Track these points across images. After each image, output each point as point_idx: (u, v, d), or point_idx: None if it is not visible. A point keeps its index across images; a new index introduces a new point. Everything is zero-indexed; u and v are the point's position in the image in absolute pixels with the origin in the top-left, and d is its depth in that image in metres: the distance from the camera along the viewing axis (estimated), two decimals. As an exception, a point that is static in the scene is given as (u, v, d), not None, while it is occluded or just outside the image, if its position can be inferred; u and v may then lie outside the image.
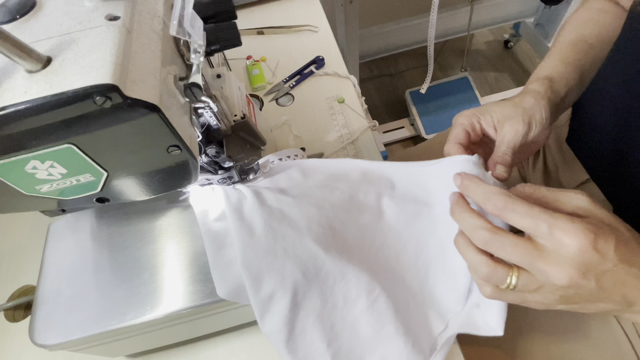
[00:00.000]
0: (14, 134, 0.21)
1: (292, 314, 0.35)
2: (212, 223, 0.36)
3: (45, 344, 0.33)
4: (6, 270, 0.50)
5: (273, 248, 0.34)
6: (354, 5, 1.10)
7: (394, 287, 0.37)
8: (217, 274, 0.35)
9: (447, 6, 1.43)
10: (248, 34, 0.72)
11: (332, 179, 0.39)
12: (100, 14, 0.23)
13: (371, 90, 1.62)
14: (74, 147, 0.23)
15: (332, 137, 0.57)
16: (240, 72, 0.68)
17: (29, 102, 0.20)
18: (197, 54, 0.27)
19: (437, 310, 0.38)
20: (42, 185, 0.26)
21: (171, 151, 0.26)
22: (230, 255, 0.35)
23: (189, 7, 0.26)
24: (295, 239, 0.35)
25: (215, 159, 0.35)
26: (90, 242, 0.38)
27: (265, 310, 0.34)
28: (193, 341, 0.44)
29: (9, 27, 0.24)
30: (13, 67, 0.21)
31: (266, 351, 0.43)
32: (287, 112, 0.61)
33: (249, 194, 0.36)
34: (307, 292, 0.35)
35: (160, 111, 0.23)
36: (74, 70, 0.21)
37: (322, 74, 0.65)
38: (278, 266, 0.34)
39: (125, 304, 0.34)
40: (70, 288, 0.36)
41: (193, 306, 0.34)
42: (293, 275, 0.34)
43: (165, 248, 0.38)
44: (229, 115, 0.39)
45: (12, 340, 0.45)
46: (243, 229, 0.34)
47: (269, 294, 0.34)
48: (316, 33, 0.71)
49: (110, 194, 0.30)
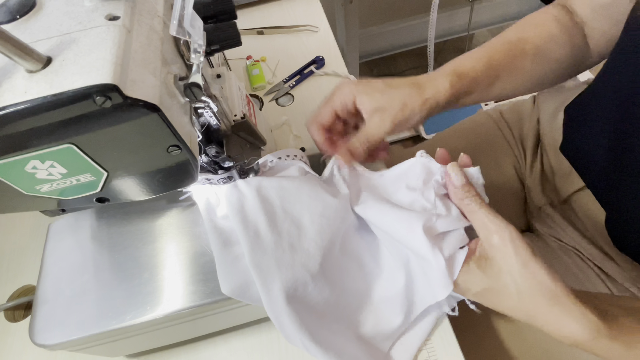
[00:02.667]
0: (14, 133, 0.21)
1: (309, 309, 0.34)
2: (218, 220, 0.36)
3: (45, 344, 0.33)
4: (6, 270, 0.50)
5: (280, 244, 0.34)
6: (354, 5, 1.10)
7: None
8: (222, 270, 0.34)
9: (447, 6, 1.43)
10: (248, 34, 0.72)
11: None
12: (100, 14, 0.24)
13: (371, 90, 1.62)
14: (74, 147, 0.23)
15: (332, 137, 0.57)
16: (240, 72, 0.68)
17: (29, 102, 0.20)
18: (197, 54, 0.27)
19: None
20: (42, 185, 0.26)
21: (171, 151, 0.26)
22: (236, 252, 0.35)
23: (189, 7, 0.26)
24: (301, 233, 0.35)
25: (215, 159, 0.35)
26: (90, 242, 0.38)
27: (280, 310, 0.33)
28: (193, 341, 0.44)
29: (9, 27, 0.24)
30: (13, 67, 0.21)
31: (266, 351, 0.43)
32: (287, 112, 0.61)
33: (249, 193, 0.36)
34: (318, 284, 0.35)
35: (160, 111, 0.23)
36: (74, 70, 0.21)
37: (322, 74, 0.65)
38: (287, 261, 0.34)
39: (125, 304, 0.34)
40: (70, 288, 0.36)
41: (193, 306, 0.34)
42: (303, 268, 0.34)
43: (165, 248, 0.38)
44: (229, 115, 0.39)
45: (12, 340, 0.45)
46: (248, 229, 0.34)
47: (282, 291, 0.33)
48: (316, 33, 0.71)
49: (110, 193, 0.30)
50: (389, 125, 0.38)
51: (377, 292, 0.39)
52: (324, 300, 0.35)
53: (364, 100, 0.39)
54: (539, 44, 0.43)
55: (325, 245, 0.35)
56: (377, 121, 0.38)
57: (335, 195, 0.37)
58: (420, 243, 0.33)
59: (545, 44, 0.44)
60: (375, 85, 0.39)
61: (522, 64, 0.43)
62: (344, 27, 1.16)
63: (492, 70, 0.42)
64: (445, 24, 1.45)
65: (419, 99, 0.38)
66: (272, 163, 0.40)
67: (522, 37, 0.44)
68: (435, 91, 0.39)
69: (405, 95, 0.38)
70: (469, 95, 0.41)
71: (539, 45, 0.43)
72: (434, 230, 0.33)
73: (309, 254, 0.34)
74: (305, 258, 0.34)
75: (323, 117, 0.41)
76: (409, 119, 0.38)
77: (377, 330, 0.38)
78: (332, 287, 0.36)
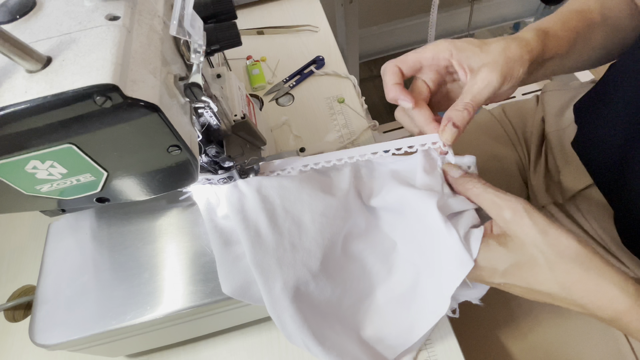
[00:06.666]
0: (14, 133, 0.21)
1: (311, 308, 0.34)
2: (218, 220, 0.36)
3: (45, 344, 0.33)
4: (6, 270, 0.50)
5: (281, 243, 0.34)
6: (354, 5, 1.10)
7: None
8: (223, 270, 0.34)
9: (447, 6, 1.43)
10: (248, 34, 0.72)
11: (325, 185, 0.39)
12: (100, 14, 0.23)
13: (371, 90, 1.62)
14: (74, 147, 0.23)
15: (332, 137, 0.57)
16: (240, 72, 0.68)
17: (29, 102, 0.20)
18: (197, 54, 0.27)
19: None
20: (42, 185, 0.26)
21: (171, 151, 0.26)
22: (236, 252, 0.35)
23: (189, 7, 0.26)
24: (302, 232, 0.35)
25: (215, 159, 0.35)
26: (90, 242, 0.38)
27: (282, 309, 0.33)
28: (193, 341, 0.44)
29: (9, 27, 0.24)
30: (13, 67, 0.21)
31: (266, 351, 0.43)
32: (287, 112, 0.61)
33: (249, 193, 0.36)
34: (320, 283, 0.35)
35: (161, 111, 0.23)
36: (74, 70, 0.21)
37: (322, 74, 0.65)
38: (288, 260, 0.33)
39: (125, 304, 0.34)
40: (70, 288, 0.36)
41: (193, 306, 0.34)
42: (305, 267, 0.34)
43: (165, 248, 0.38)
44: (229, 115, 0.39)
45: (12, 340, 0.45)
46: (249, 229, 0.34)
47: (284, 290, 0.33)
48: (316, 33, 0.71)
49: (110, 193, 0.29)
50: (498, 80, 0.34)
51: (384, 293, 0.38)
52: (325, 300, 0.35)
53: (468, 56, 0.35)
54: (605, 12, 0.42)
55: (327, 245, 0.35)
56: (485, 77, 0.34)
57: (335, 194, 0.37)
58: (434, 220, 0.32)
59: (609, 14, 0.42)
60: (472, 41, 0.36)
61: (592, 33, 0.42)
62: (344, 27, 1.16)
63: (570, 32, 0.40)
64: (445, 24, 1.45)
65: (519, 50, 0.35)
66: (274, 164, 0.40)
67: (588, 7, 0.42)
68: (530, 46, 0.36)
69: (505, 48, 0.35)
70: (551, 59, 0.39)
71: (604, 15, 0.42)
72: (446, 209, 0.33)
73: (310, 252, 0.34)
74: (306, 257, 0.34)
75: (406, 62, 0.36)
76: (513, 74, 0.35)
77: (384, 333, 0.38)
78: (333, 287, 0.36)
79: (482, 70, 0.34)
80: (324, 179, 0.38)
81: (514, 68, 0.35)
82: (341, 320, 0.37)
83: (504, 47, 0.35)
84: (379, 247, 0.38)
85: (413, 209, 0.34)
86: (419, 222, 0.34)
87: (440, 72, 0.38)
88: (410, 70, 0.37)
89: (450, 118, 0.34)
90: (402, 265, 0.38)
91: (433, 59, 0.36)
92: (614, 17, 0.43)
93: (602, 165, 0.48)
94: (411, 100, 0.35)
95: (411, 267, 0.37)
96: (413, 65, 0.37)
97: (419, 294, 0.37)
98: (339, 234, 0.36)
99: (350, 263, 0.38)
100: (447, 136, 0.34)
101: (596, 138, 0.48)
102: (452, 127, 0.34)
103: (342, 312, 0.37)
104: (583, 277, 0.28)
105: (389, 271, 0.38)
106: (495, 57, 0.34)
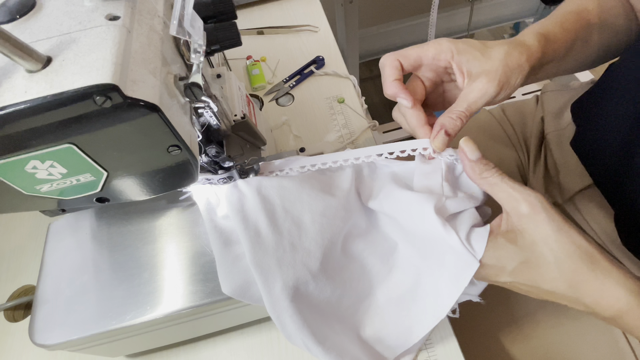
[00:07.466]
0: (14, 133, 0.21)
1: (310, 308, 0.34)
2: (218, 219, 0.36)
3: (45, 344, 0.33)
4: (6, 270, 0.50)
5: (281, 244, 0.34)
6: (354, 5, 1.10)
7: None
8: (223, 270, 0.34)
9: (447, 6, 1.43)
10: (248, 34, 0.72)
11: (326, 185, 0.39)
12: (100, 14, 0.23)
13: (371, 90, 1.63)
14: (74, 147, 0.23)
15: (332, 137, 0.57)
16: (240, 72, 0.68)
17: (29, 101, 0.20)
18: (197, 54, 0.27)
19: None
20: (42, 185, 0.26)
21: (171, 151, 0.26)
22: (236, 252, 0.35)
23: (189, 7, 0.26)
24: (302, 233, 0.35)
25: (215, 159, 0.35)
26: (90, 242, 0.38)
27: (282, 309, 0.33)
28: (193, 341, 0.44)
29: (9, 27, 0.24)
30: (13, 67, 0.21)
31: (266, 351, 0.43)
32: (287, 112, 0.61)
33: (249, 193, 0.36)
34: (319, 283, 0.35)
35: (161, 111, 0.23)
36: (74, 70, 0.21)
37: (322, 74, 0.65)
38: (288, 260, 0.33)
39: (125, 304, 0.34)
40: (70, 288, 0.36)
41: (193, 306, 0.34)
42: (304, 267, 0.34)
43: (165, 248, 0.38)
44: (229, 115, 0.39)
45: (12, 340, 0.45)
46: (249, 229, 0.34)
47: (284, 290, 0.33)
48: (316, 33, 0.71)
49: (110, 193, 0.29)
50: (495, 91, 0.33)
51: (384, 294, 0.38)
52: (325, 300, 0.35)
53: (468, 59, 0.34)
54: (601, 14, 0.42)
55: (326, 245, 0.35)
56: (482, 87, 0.33)
57: (336, 194, 0.37)
58: (432, 223, 0.32)
59: (605, 15, 0.42)
60: (474, 44, 0.35)
61: (590, 35, 0.42)
62: (344, 27, 1.16)
63: (569, 35, 0.39)
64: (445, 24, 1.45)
65: (519, 59, 0.34)
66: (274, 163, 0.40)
67: (584, 7, 0.42)
68: (531, 52, 0.35)
69: (506, 55, 0.34)
70: (549, 63, 0.39)
71: (601, 16, 0.42)
72: (444, 211, 0.33)
73: (309, 253, 0.34)
74: (306, 257, 0.34)
75: (407, 57, 0.36)
76: (511, 83, 0.34)
77: (384, 333, 0.38)
78: (333, 287, 0.36)
79: (480, 79, 0.34)
80: (324, 179, 0.38)
81: (511, 77, 0.34)
82: (341, 320, 0.37)
83: (505, 54, 0.34)
84: (380, 247, 0.38)
85: (411, 212, 0.34)
86: (417, 225, 0.34)
87: (438, 72, 0.38)
88: (411, 66, 0.37)
89: (443, 125, 0.34)
90: (403, 266, 0.38)
91: (434, 58, 0.36)
92: (610, 17, 0.43)
93: (601, 165, 0.48)
94: (410, 99, 0.35)
95: (412, 268, 0.37)
96: (414, 62, 0.37)
97: (420, 296, 0.37)
98: (339, 234, 0.36)
99: (350, 263, 0.38)
100: (438, 144, 0.34)
101: (596, 138, 0.48)
102: (444, 135, 0.34)
103: (341, 312, 0.37)
104: (590, 276, 0.28)
105: (389, 271, 0.38)
106: (496, 65, 0.34)
